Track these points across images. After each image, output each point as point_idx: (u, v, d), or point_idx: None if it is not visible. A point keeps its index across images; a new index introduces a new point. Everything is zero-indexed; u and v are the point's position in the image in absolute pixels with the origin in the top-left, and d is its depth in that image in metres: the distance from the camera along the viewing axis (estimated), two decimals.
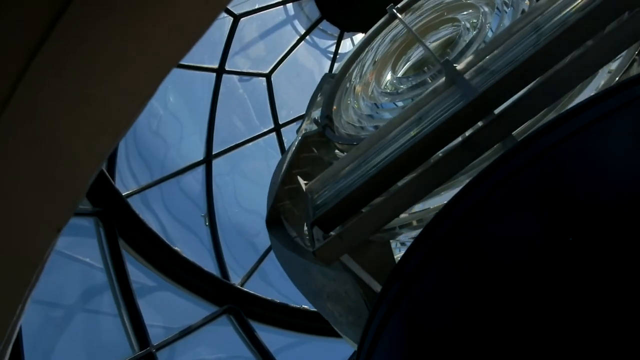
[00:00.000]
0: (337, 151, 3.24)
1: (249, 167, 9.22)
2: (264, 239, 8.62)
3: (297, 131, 4.11)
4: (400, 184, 2.14)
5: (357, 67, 4.07)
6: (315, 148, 3.43)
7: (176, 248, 7.46)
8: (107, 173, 7.14)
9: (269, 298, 7.84)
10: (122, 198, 7.18)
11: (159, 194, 7.91)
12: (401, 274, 1.84)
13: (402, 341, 1.81)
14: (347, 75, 4.04)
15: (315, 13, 9.66)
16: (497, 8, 3.20)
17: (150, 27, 1.88)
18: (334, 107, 3.68)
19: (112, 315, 6.68)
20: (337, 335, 3.33)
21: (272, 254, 8.52)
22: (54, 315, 6.28)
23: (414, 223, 2.43)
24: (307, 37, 9.69)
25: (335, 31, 9.68)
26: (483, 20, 3.19)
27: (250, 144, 8.95)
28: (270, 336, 7.63)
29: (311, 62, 10.03)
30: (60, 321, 6.36)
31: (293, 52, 9.47)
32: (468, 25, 3.37)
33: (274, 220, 3.32)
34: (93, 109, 1.98)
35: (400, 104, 3.34)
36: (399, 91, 3.42)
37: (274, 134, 9.29)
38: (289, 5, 9.65)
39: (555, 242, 1.48)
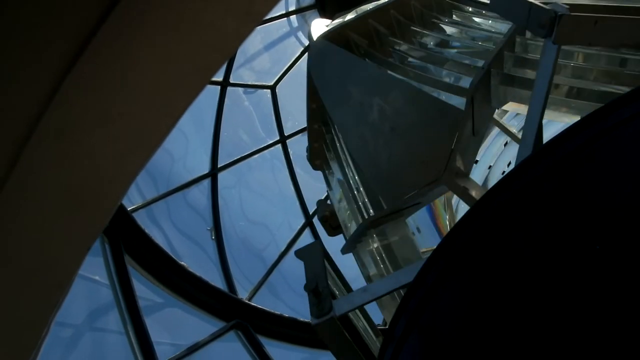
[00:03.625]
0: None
1: (255, 179, 9.16)
2: (271, 252, 8.53)
3: None
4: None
5: None
6: None
7: (182, 263, 7.35)
8: None
9: (278, 312, 7.71)
10: (128, 213, 7.08)
11: (165, 208, 7.81)
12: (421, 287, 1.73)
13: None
14: None
15: None
16: None
17: (186, 40, 1.83)
18: None
19: (118, 333, 6.55)
20: None
21: (280, 266, 8.42)
22: (62, 335, 6.15)
23: None
24: None
25: None
26: None
27: (256, 156, 8.91)
28: (279, 351, 7.51)
29: None
30: (68, 341, 6.23)
31: (297, 63, 9.46)
32: None
33: (337, 41, 2.97)
34: (124, 127, 1.92)
35: None
36: None
37: (279, 145, 9.26)
38: (293, 18, 9.66)
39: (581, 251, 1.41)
